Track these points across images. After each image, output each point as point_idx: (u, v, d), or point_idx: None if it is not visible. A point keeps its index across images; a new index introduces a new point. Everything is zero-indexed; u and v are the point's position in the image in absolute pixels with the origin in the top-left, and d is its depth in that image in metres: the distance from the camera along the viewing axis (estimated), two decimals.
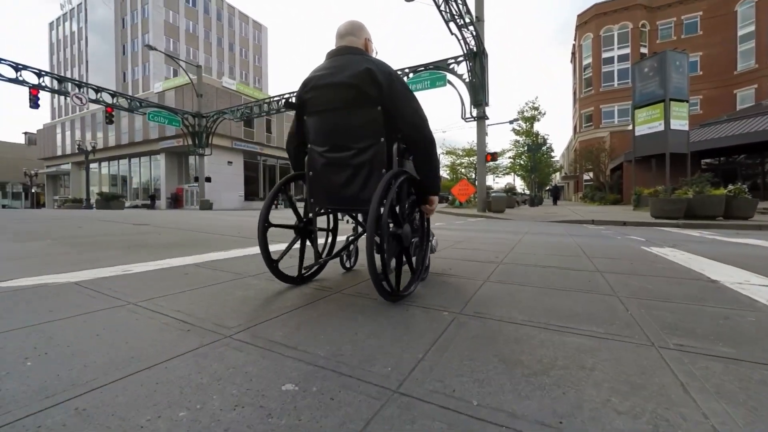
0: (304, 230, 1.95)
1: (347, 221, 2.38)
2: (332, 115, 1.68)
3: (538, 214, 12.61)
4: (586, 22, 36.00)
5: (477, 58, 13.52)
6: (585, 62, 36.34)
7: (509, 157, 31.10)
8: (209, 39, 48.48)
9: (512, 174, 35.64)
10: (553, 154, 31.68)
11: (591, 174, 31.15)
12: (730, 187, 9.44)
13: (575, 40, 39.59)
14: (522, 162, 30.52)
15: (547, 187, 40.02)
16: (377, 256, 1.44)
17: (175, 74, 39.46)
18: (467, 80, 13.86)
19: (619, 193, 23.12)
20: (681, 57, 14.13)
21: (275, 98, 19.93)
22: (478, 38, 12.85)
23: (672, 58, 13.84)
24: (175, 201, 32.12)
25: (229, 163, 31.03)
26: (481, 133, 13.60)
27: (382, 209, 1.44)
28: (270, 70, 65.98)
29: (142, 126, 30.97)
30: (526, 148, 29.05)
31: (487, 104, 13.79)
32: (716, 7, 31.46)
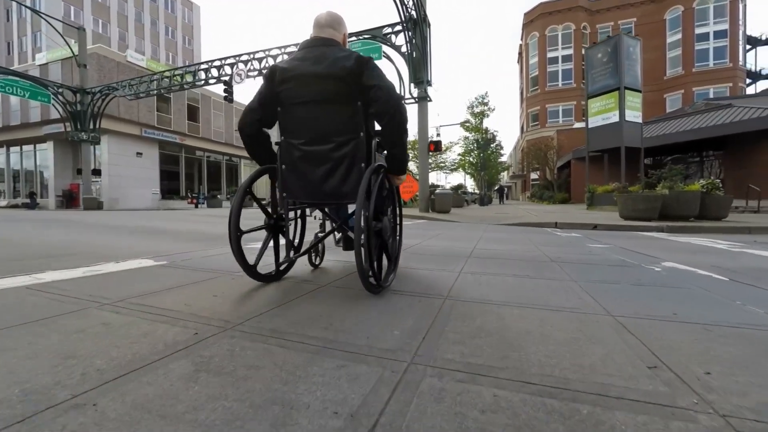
0: (275, 226, 1.85)
1: (315, 217, 2.14)
2: (312, 107, 1.62)
3: (489, 215, 10.59)
4: (532, 20, 36.00)
5: (417, 27, 11.20)
6: (531, 61, 36.35)
7: (459, 154, 29.75)
8: (124, 12, 41.80)
9: (462, 172, 34.54)
10: (502, 152, 30.93)
11: (538, 173, 30.87)
12: (702, 182, 8.02)
13: (522, 39, 39.69)
14: (472, 159, 29.27)
15: (496, 187, 39.73)
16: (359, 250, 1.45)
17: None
18: (406, 53, 11.49)
19: (567, 191, 22.50)
20: (635, 43, 13.04)
21: (178, 70, 16.08)
22: (419, 1, 10.52)
23: (626, 44, 12.66)
24: (69, 199, 26.30)
25: (138, 154, 26.04)
26: (423, 117, 11.32)
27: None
28: (204, 55, 59.72)
29: (19, 106, 24.90)
30: (475, 145, 27.78)
31: (429, 83, 11.54)
32: (649, 14, 32.83)
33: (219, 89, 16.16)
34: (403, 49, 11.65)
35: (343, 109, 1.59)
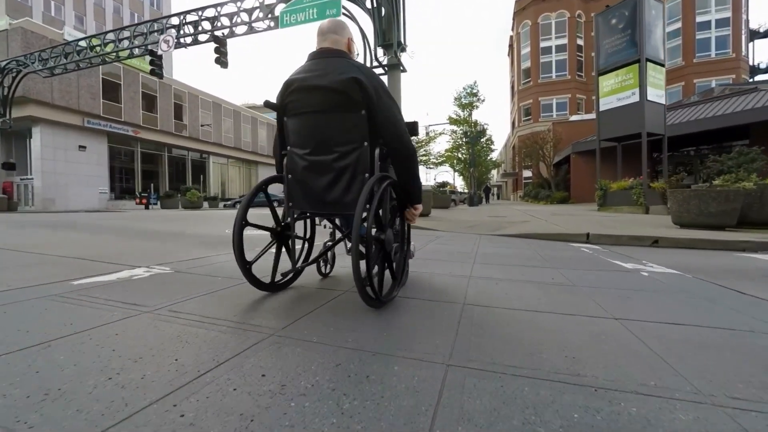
0: (282, 235, 1.83)
1: (324, 226, 2.05)
2: (315, 117, 1.60)
3: (481, 220, 7.98)
4: (524, 8, 33.74)
5: None
6: (523, 51, 34.09)
7: (446, 150, 27.11)
8: None
9: (451, 171, 31.96)
10: (493, 147, 28.49)
11: (531, 171, 28.58)
12: None
13: (513, 29, 37.46)
14: (460, 156, 26.72)
15: (484, 187, 37.49)
16: (361, 262, 1.39)
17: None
18: (372, 8, 8.81)
19: (566, 190, 20.13)
20: (657, 5, 10.60)
21: (95, 39, 12.98)
22: None
23: (647, 5, 10.20)
24: None
25: (81, 147, 22.76)
26: (394, 91, 8.64)
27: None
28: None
29: None
30: (464, 139, 25.20)
31: (403, 47, 8.88)
32: None
33: (180, 75, 13.21)
34: (368, 3, 8.96)
35: (346, 118, 1.55)
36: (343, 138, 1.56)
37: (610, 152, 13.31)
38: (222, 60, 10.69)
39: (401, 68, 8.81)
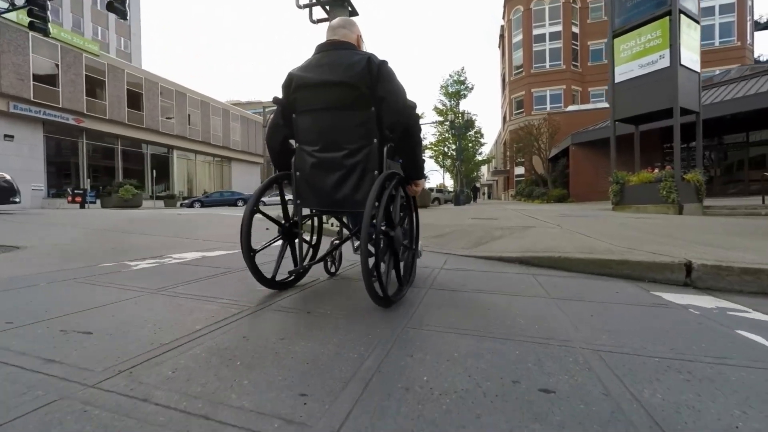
0: (289, 232, 1.82)
1: (332, 224, 2.10)
2: (325, 114, 1.60)
3: (460, 224, 5.43)
4: None
5: None
6: (515, 40, 31.83)
7: (431, 143, 24.57)
8: None
9: (440, 169, 29.45)
10: (482, 141, 26.12)
11: (524, 167, 26.29)
12: None
13: (504, 17, 35.21)
14: (446, 150, 24.24)
15: (472, 186, 35.17)
16: (369, 261, 1.40)
17: None
18: None
19: (564, 187, 17.80)
20: None
21: None
22: None
23: None
24: None
25: (8, 137, 19.58)
26: None
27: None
28: (145, 32, 52.35)
29: None
30: (452, 131, 22.68)
31: None
32: None
33: (137, 56, 10.46)
34: None
35: (356, 116, 1.55)
36: (352, 135, 1.55)
37: (620, 140, 10.95)
38: (117, 6, 7.94)
39: (349, 7, 6.19)
